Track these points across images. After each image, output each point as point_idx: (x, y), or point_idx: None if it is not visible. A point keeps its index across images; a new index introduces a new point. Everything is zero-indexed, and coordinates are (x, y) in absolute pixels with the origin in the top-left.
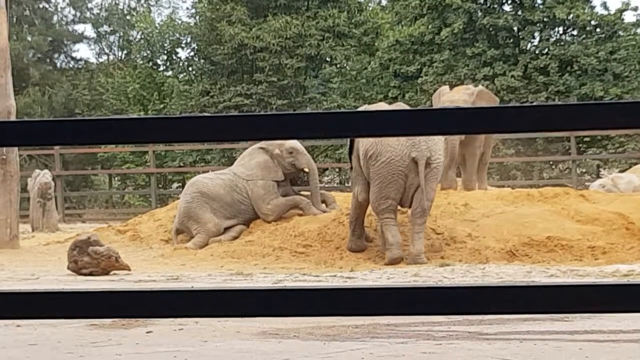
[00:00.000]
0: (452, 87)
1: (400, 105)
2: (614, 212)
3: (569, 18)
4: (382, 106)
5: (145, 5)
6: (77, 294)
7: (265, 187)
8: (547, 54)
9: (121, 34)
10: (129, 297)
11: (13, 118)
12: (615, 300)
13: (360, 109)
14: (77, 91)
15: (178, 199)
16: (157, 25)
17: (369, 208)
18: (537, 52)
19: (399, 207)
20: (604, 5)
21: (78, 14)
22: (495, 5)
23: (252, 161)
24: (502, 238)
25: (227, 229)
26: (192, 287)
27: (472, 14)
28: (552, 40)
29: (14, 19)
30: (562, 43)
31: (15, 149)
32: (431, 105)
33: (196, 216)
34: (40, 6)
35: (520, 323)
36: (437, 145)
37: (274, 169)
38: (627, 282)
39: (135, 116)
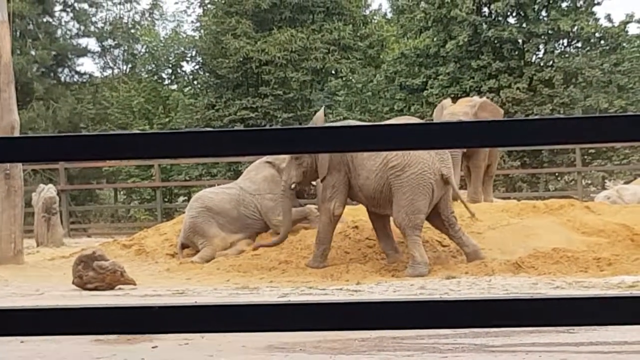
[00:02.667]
0: (457, 99)
1: (408, 119)
2: (619, 224)
3: (573, 30)
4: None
5: (149, 19)
6: (82, 310)
7: (273, 199)
8: (551, 66)
9: (126, 47)
10: (135, 313)
11: (17, 133)
12: (621, 312)
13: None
14: (81, 105)
15: (184, 212)
16: (161, 38)
17: None
18: (541, 64)
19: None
20: (608, 18)
21: (82, 27)
22: (500, 18)
23: (259, 175)
24: (508, 250)
25: (232, 244)
26: (196, 302)
27: (477, 26)
28: (556, 52)
29: (18, 33)
30: (567, 55)
31: (19, 163)
32: (433, 119)
33: (202, 231)
34: (44, 20)
35: (526, 335)
36: None
37: (280, 182)
38: (632, 294)
39: (138, 132)
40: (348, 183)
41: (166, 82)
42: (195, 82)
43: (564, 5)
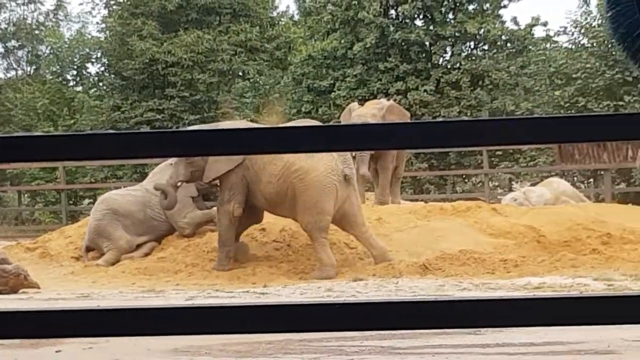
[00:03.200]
0: (364, 101)
1: (308, 122)
2: (526, 225)
3: (480, 33)
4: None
5: (54, 19)
6: None
7: (180, 200)
8: (458, 68)
9: (29, 48)
10: (38, 317)
11: None
12: (526, 314)
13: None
14: None
15: (89, 215)
16: (66, 40)
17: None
18: (449, 66)
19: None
20: (514, 21)
21: None
22: (407, 20)
23: (165, 177)
24: (415, 252)
25: (139, 246)
26: (98, 305)
27: (384, 28)
28: (463, 55)
29: None
30: (474, 58)
31: None
32: (340, 121)
33: (107, 233)
34: None
35: (432, 337)
36: None
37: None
38: (537, 296)
39: (42, 134)
40: (247, 186)
41: (71, 83)
42: (100, 84)
43: (470, 8)
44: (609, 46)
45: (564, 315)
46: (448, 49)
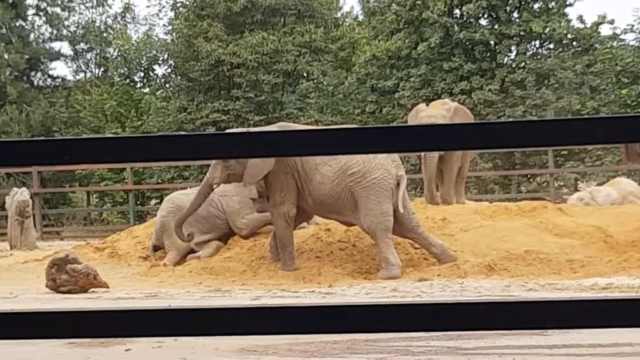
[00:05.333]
0: (429, 101)
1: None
2: (592, 226)
3: (545, 32)
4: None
5: (122, 22)
6: (56, 313)
7: (240, 202)
8: (524, 67)
9: (98, 51)
10: (108, 317)
11: None
12: (594, 315)
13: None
14: (54, 109)
15: (156, 215)
16: (133, 42)
17: None
18: (514, 65)
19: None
20: (580, 19)
21: (55, 31)
22: (472, 20)
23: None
24: (481, 252)
25: (202, 244)
26: (170, 305)
27: (449, 28)
28: (528, 54)
29: None
30: (539, 57)
31: None
32: (406, 122)
33: (170, 231)
34: (17, 24)
35: (499, 337)
36: None
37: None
38: (605, 297)
39: (111, 135)
40: (296, 186)
41: (138, 85)
42: (167, 85)
43: (535, 6)
44: None
45: (632, 317)
46: (513, 48)
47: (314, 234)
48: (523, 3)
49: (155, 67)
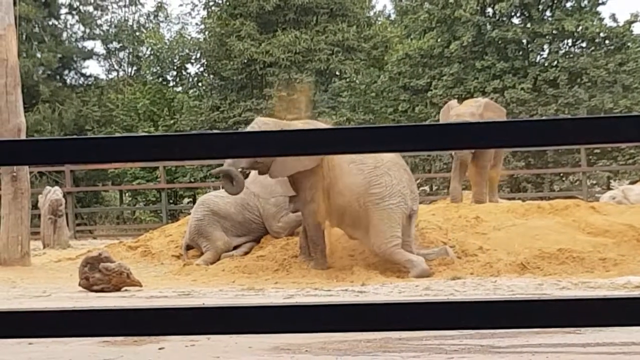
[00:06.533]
0: (461, 100)
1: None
2: (625, 224)
3: (577, 30)
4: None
5: (154, 21)
6: (89, 312)
7: (276, 204)
8: (556, 66)
9: (131, 50)
10: (141, 316)
11: (23, 135)
12: (627, 313)
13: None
14: (87, 108)
15: (189, 214)
16: (166, 41)
17: None
18: (546, 64)
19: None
20: (613, 17)
21: (87, 30)
22: (504, 18)
23: (264, 179)
24: (513, 251)
25: (237, 247)
26: (204, 303)
27: (481, 27)
28: (561, 52)
29: (24, 36)
30: (571, 55)
31: (26, 166)
32: (439, 120)
33: (206, 233)
34: (50, 23)
35: (533, 336)
36: None
37: (285, 184)
38: (638, 296)
39: (144, 134)
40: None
41: (171, 84)
42: (200, 84)
43: (568, 5)
44: None
45: None
46: (545, 46)
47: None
48: (556, 1)
49: (188, 65)
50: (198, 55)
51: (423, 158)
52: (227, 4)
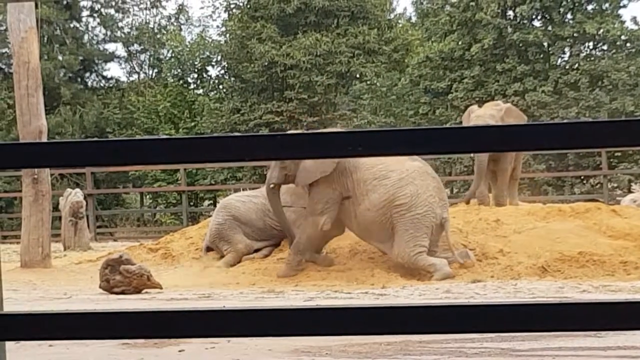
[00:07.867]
0: (482, 103)
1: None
2: None
3: (599, 33)
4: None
5: (175, 23)
6: (109, 314)
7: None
8: (577, 69)
9: (152, 52)
10: (162, 318)
11: (44, 138)
12: None
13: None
14: (108, 110)
15: (209, 216)
16: (187, 43)
17: None
18: (567, 67)
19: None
20: (634, 20)
21: (109, 33)
22: (525, 21)
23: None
24: (534, 254)
25: (257, 250)
26: (224, 306)
27: (502, 29)
28: (582, 55)
29: (45, 39)
30: (593, 58)
31: (47, 168)
32: (461, 123)
33: (227, 237)
34: (71, 25)
35: (553, 339)
36: None
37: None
38: None
39: (165, 136)
40: (340, 203)
41: (192, 86)
42: (220, 87)
43: (589, 8)
44: None
45: None
46: (566, 49)
47: None
48: (577, 4)
49: (209, 68)
50: (219, 57)
51: (444, 161)
52: (248, 6)
